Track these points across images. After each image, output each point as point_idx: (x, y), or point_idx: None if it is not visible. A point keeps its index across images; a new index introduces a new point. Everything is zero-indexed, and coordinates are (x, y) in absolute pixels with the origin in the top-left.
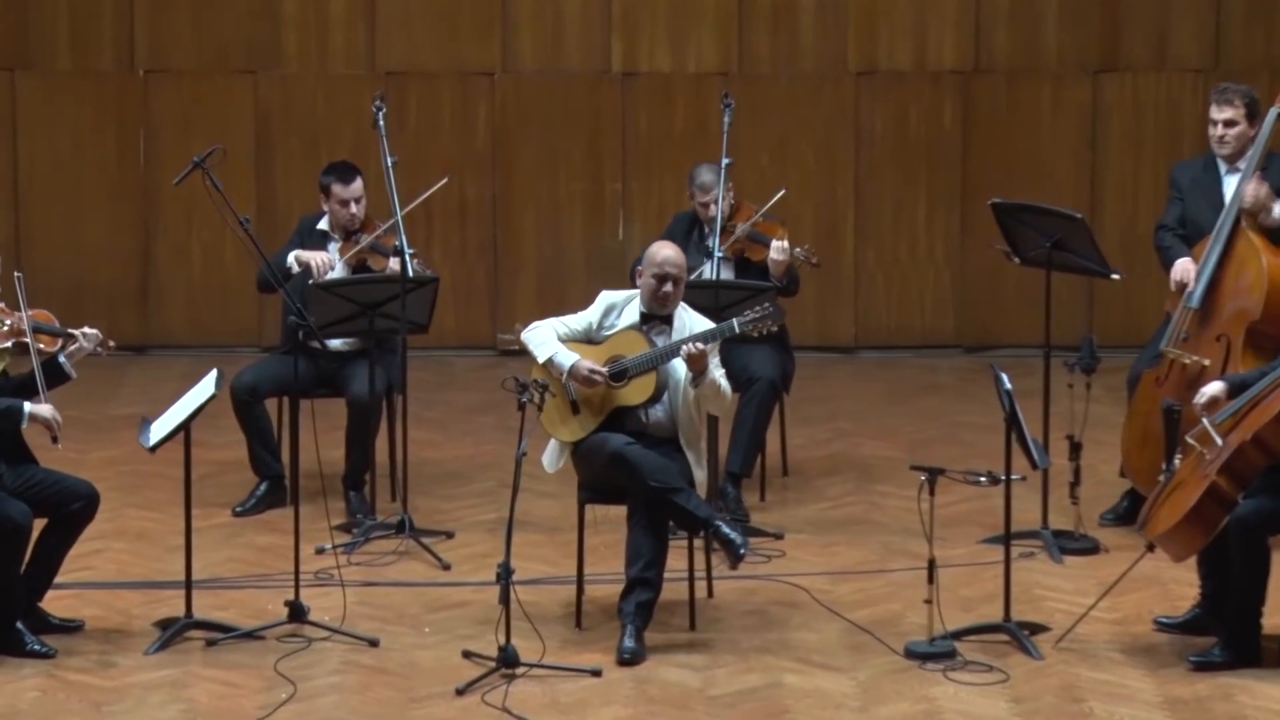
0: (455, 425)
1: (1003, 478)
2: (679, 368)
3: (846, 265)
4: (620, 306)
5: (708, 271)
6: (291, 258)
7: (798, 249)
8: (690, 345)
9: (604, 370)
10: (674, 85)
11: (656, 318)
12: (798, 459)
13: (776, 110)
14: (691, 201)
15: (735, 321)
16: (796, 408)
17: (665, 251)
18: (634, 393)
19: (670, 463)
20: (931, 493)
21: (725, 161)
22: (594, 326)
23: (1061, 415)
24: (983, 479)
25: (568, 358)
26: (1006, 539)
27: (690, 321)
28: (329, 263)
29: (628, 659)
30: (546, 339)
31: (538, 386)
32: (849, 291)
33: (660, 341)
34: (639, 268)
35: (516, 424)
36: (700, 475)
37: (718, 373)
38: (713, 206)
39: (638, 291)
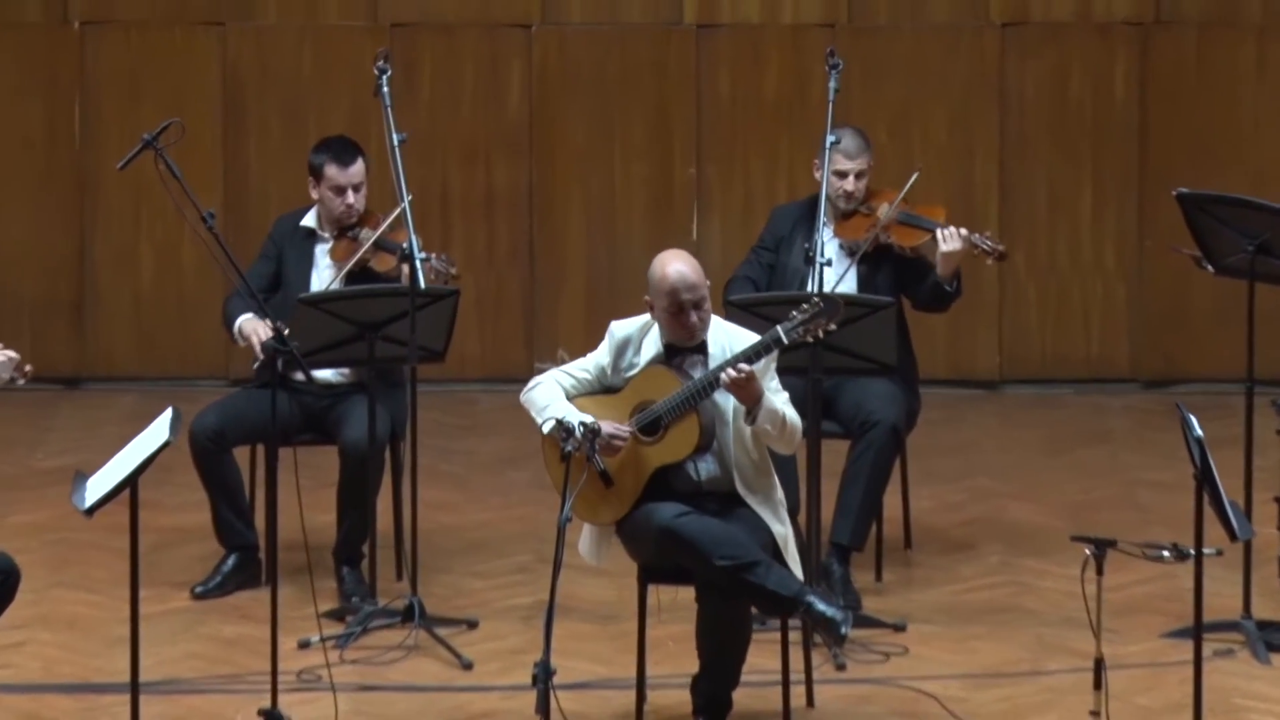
0: (480, 482)
1: (1192, 552)
2: (726, 400)
3: (988, 274)
4: (636, 339)
5: (833, 278)
6: (238, 324)
7: (977, 235)
8: (730, 369)
9: (625, 429)
10: (765, 40)
11: (685, 348)
12: (925, 527)
13: (898, 73)
14: (817, 175)
15: (780, 328)
16: (923, 460)
17: (674, 266)
18: (675, 445)
19: (738, 528)
20: (1099, 571)
21: (830, 139)
22: (608, 369)
23: (1269, 470)
24: (1166, 554)
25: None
26: (1197, 632)
27: (731, 339)
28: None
29: None
30: (550, 400)
31: (589, 431)
32: (991, 308)
33: (697, 374)
34: (647, 297)
35: (555, 483)
36: (781, 529)
37: (777, 399)
38: (850, 180)
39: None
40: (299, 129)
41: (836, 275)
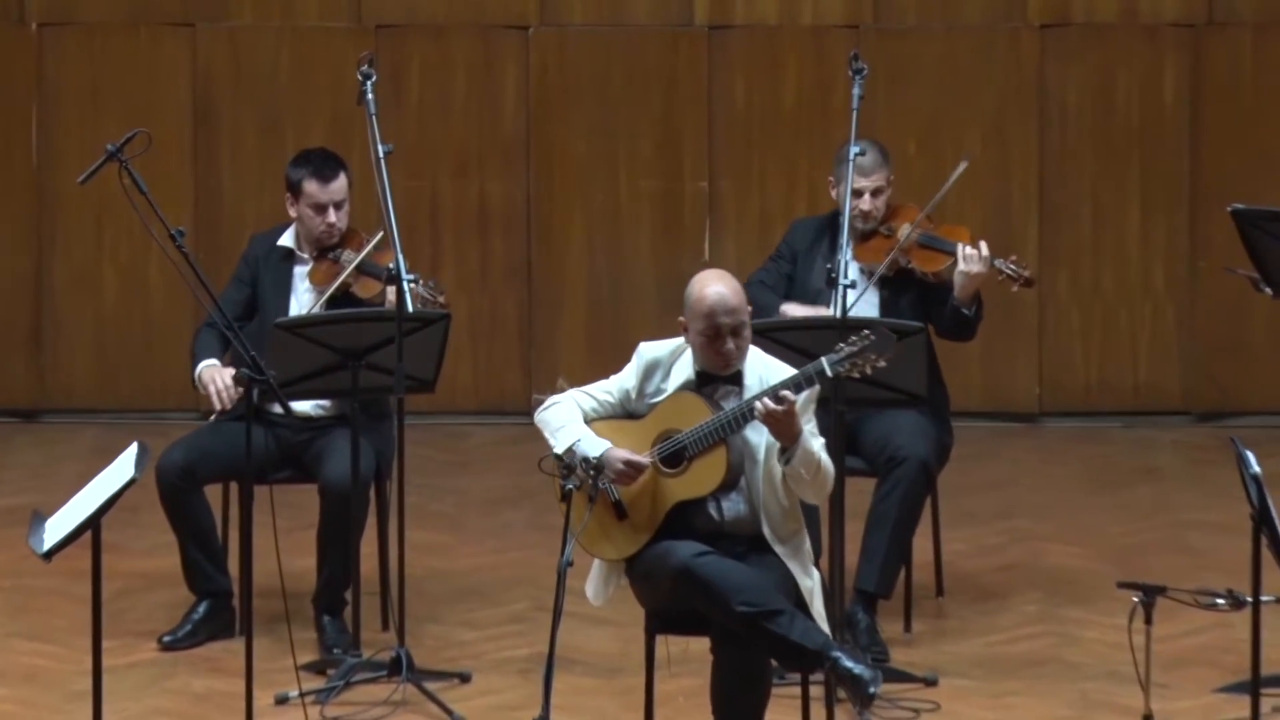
0: (473, 522)
1: (1249, 600)
2: (759, 436)
3: (1028, 298)
4: (666, 363)
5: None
6: (199, 370)
7: (999, 259)
8: (766, 399)
9: (646, 457)
10: (782, 43)
11: (719, 377)
12: (957, 572)
13: (928, 78)
14: (833, 192)
15: (825, 360)
16: (955, 499)
17: (713, 288)
18: (698, 480)
19: (763, 574)
20: (1148, 620)
21: (854, 150)
22: (632, 394)
23: None
24: (1220, 601)
25: (594, 446)
26: (1255, 687)
27: (769, 372)
28: (230, 398)
29: None
30: (566, 421)
31: (589, 468)
32: (1030, 334)
33: (729, 404)
34: (681, 318)
35: (559, 521)
36: (808, 583)
37: (815, 442)
38: (866, 199)
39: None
40: (276, 140)
41: (854, 299)
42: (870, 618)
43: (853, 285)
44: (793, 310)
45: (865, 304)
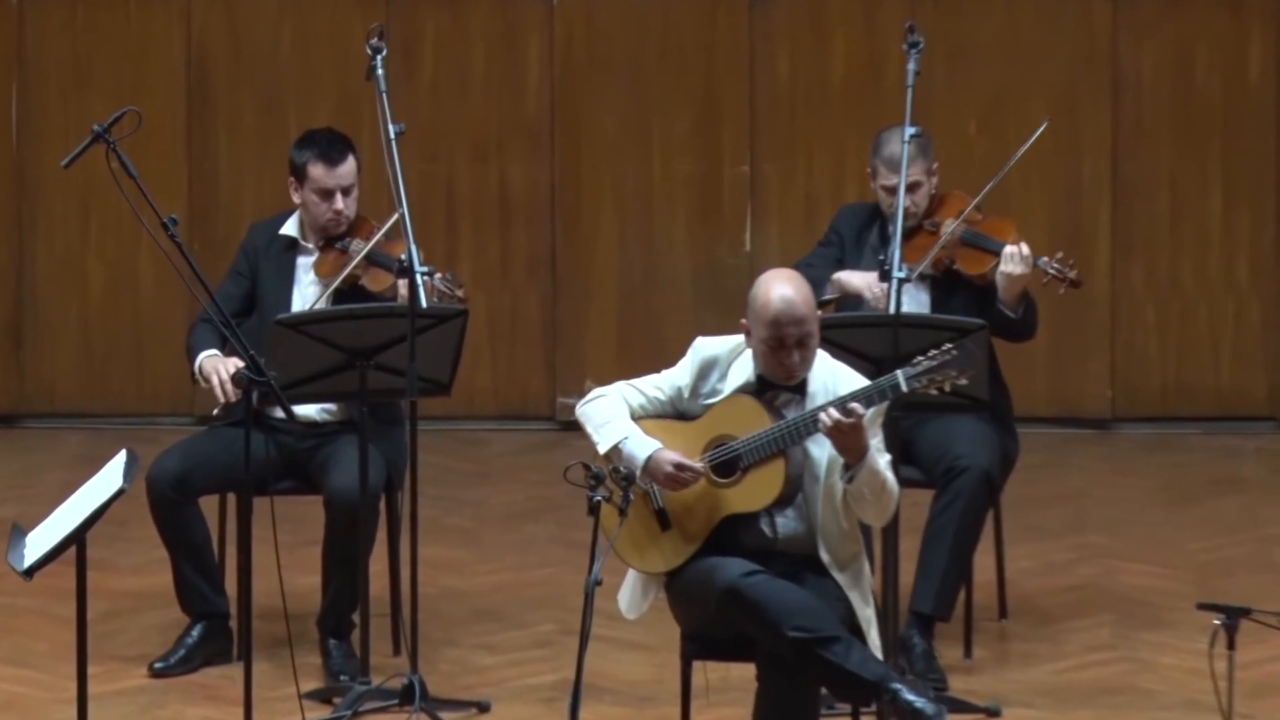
0: (492, 537)
1: None
2: (820, 450)
3: (1099, 292)
4: (724, 362)
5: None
6: (199, 361)
7: (1044, 259)
8: (833, 410)
9: (698, 463)
10: (830, 14)
11: (781, 386)
12: (1023, 593)
13: (990, 53)
14: (873, 184)
15: (901, 374)
16: (1020, 513)
17: (780, 292)
18: (752, 492)
19: (817, 598)
20: (1231, 645)
21: (910, 131)
22: (685, 393)
23: None
24: None
25: (643, 446)
26: None
27: (836, 380)
28: (229, 393)
29: None
30: (612, 416)
31: (620, 478)
32: (1102, 333)
33: (791, 413)
34: (744, 319)
35: (586, 536)
36: (867, 613)
37: (881, 459)
38: (902, 198)
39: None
40: (277, 120)
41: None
42: (927, 642)
43: (908, 279)
44: (847, 277)
45: (914, 305)
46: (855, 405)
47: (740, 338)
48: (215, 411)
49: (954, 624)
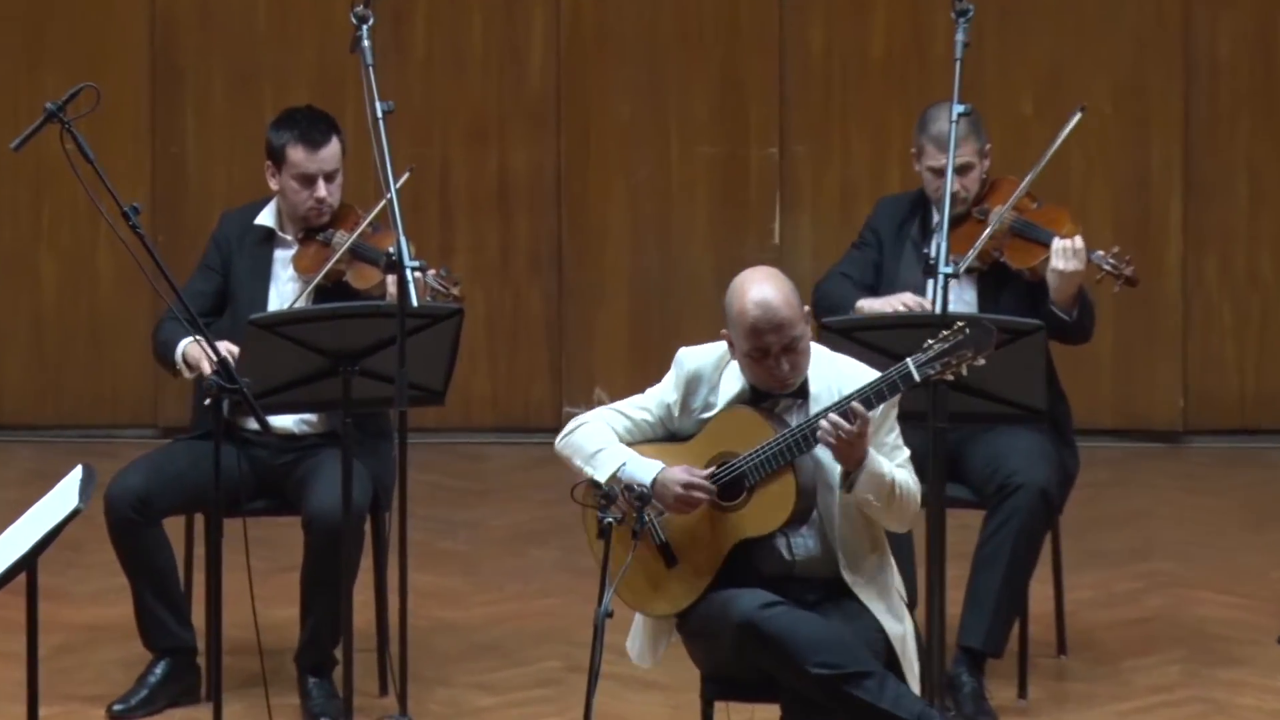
0: (491, 563)
1: None
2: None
3: (1169, 290)
4: (713, 372)
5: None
6: (181, 349)
7: (1099, 253)
8: (834, 415)
9: (705, 479)
10: None
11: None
12: (1084, 625)
13: (1047, 24)
14: (917, 166)
15: (911, 362)
16: (1081, 535)
17: (756, 296)
18: (762, 513)
19: (843, 627)
20: None
21: (959, 109)
22: (675, 410)
23: None
24: None
25: (645, 469)
26: None
27: (841, 379)
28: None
29: None
30: (604, 443)
31: (632, 496)
32: (1173, 336)
33: (794, 420)
34: (725, 330)
35: (594, 562)
36: (899, 628)
37: (890, 461)
38: (950, 180)
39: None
40: (251, 98)
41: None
42: (977, 680)
43: (956, 275)
44: (868, 305)
45: (959, 303)
46: (857, 406)
47: (725, 344)
48: (206, 401)
49: (1007, 660)
